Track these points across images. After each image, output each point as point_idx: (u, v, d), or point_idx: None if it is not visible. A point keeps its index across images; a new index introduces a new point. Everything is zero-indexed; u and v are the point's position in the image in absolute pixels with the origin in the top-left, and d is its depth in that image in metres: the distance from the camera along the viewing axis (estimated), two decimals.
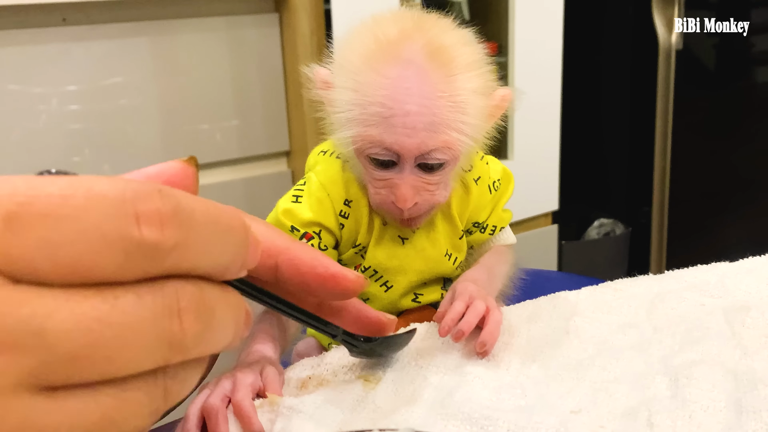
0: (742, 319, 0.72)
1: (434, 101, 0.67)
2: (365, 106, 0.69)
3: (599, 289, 0.79)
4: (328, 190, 0.78)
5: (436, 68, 0.68)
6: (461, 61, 0.70)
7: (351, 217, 0.79)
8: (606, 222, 2.04)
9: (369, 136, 0.69)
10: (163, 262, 0.26)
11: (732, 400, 0.60)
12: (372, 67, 0.68)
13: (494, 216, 0.85)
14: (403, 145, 0.68)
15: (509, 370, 0.66)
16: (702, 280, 0.79)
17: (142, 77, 1.37)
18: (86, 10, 1.30)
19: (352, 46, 0.71)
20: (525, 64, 1.65)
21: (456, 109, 0.69)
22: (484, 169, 0.84)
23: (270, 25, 1.45)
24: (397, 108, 0.67)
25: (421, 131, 0.68)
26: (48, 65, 1.29)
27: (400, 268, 0.82)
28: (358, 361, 0.67)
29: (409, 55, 0.68)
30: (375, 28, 0.70)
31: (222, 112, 1.46)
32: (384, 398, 0.62)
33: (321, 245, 0.78)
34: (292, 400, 0.62)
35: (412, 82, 0.67)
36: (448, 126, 0.69)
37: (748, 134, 2.07)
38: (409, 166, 0.70)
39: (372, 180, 0.73)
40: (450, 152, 0.70)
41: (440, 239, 0.82)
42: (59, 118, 1.31)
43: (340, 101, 0.71)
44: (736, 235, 2.09)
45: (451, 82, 0.69)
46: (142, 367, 0.26)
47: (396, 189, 0.71)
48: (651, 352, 0.67)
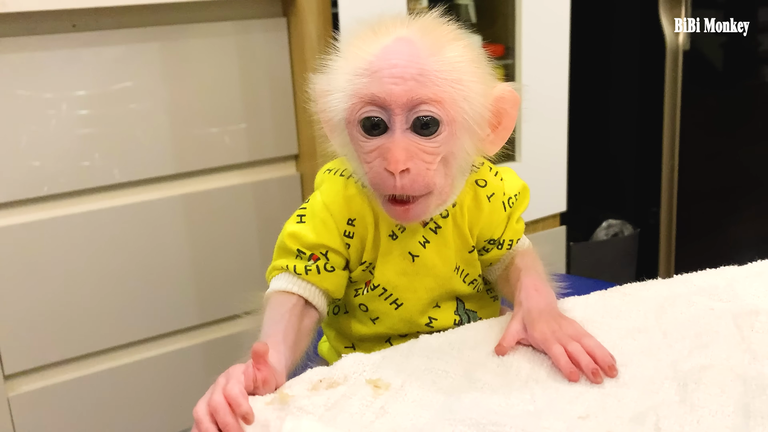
0: (751, 323, 0.72)
1: (423, 58, 0.66)
2: (353, 68, 0.68)
3: (608, 293, 0.79)
4: (331, 210, 0.77)
5: (427, 39, 0.68)
6: (451, 35, 0.70)
7: (356, 236, 0.77)
8: (614, 223, 2.04)
9: (357, 91, 0.67)
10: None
11: (740, 405, 0.60)
12: (363, 42, 0.69)
13: (509, 230, 0.83)
14: (391, 93, 0.66)
15: (519, 375, 0.66)
16: (711, 284, 0.79)
17: (152, 82, 1.38)
18: (96, 16, 1.31)
19: (349, 37, 0.72)
20: (532, 66, 1.65)
21: (447, 66, 0.67)
22: (498, 186, 0.81)
23: (278, 30, 1.45)
24: (384, 63, 0.66)
25: (409, 80, 0.66)
26: (58, 71, 1.30)
27: (410, 286, 0.79)
28: (369, 366, 0.67)
29: (401, 33, 0.68)
30: (371, 22, 0.71)
31: (231, 116, 1.46)
32: (393, 403, 0.62)
33: (328, 266, 0.76)
34: (303, 400, 0.62)
35: (401, 47, 0.67)
36: (438, 79, 0.66)
37: (756, 133, 2.06)
38: (401, 126, 0.67)
39: (364, 155, 0.70)
40: (444, 110, 0.67)
41: (450, 254, 0.80)
42: (69, 123, 1.32)
43: (330, 78, 0.71)
44: (745, 235, 2.09)
45: (442, 46, 0.68)
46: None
47: (387, 152, 0.67)
48: (660, 357, 0.67)
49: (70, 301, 1.38)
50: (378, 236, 0.78)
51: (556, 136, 1.72)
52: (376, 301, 0.79)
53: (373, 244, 0.78)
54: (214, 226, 1.49)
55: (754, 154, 2.07)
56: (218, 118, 1.45)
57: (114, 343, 1.45)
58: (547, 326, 0.70)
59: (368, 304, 0.80)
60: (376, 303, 0.80)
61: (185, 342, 1.53)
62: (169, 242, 1.46)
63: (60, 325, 1.38)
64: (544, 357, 0.68)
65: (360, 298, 0.80)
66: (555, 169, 1.73)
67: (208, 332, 1.54)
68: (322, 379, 0.66)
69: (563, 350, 0.67)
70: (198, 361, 1.54)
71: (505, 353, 0.70)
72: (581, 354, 0.66)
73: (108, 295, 1.42)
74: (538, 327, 0.70)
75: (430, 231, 0.78)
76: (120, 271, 1.42)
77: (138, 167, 1.40)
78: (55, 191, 1.34)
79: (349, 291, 0.81)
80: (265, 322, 0.72)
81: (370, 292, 0.79)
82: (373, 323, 0.81)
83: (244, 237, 1.53)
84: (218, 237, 1.50)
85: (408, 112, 0.67)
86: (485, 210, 0.80)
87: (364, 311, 0.81)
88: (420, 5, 1.56)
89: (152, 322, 1.48)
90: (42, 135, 1.30)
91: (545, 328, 0.70)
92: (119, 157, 1.38)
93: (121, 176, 1.39)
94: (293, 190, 1.55)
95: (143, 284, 1.45)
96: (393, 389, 0.64)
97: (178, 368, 1.51)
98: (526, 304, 0.74)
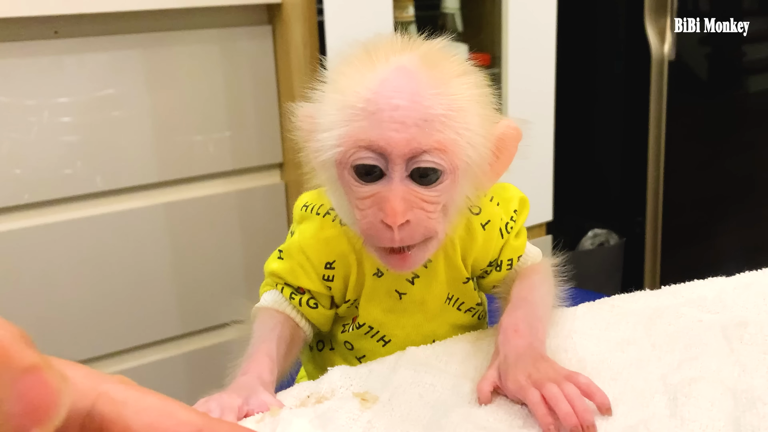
0: (740, 335, 0.71)
1: (427, 98, 0.59)
2: (349, 105, 0.60)
3: (596, 305, 0.78)
4: (308, 254, 0.72)
5: (429, 70, 0.61)
6: (457, 68, 0.63)
7: (336, 277, 0.73)
8: (600, 232, 2.04)
9: (352, 135, 0.60)
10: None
11: (731, 418, 0.60)
12: (359, 71, 0.61)
13: (507, 250, 0.76)
14: (391, 141, 0.59)
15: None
16: (699, 295, 0.79)
17: (135, 89, 1.36)
18: (78, 23, 1.30)
19: (342, 62, 0.64)
20: (518, 75, 1.65)
21: (453, 109, 0.60)
22: (494, 212, 0.74)
23: (263, 38, 1.45)
24: (383, 103, 0.59)
25: (412, 127, 0.59)
26: (40, 77, 1.28)
27: (398, 323, 0.75)
28: (357, 379, 0.66)
29: (400, 62, 0.61)
30: (366, 45, 0.64)
31: (215, 124, 1.45)
32: (381, 417, 0.61)
33: (311, 303, 0.73)
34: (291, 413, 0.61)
35: (402, 81, 0.60)
36: (443, 124, 0.60)
37: (742, 143, 2.07)
38: (399, 174, 0.60)
39: (358, 202, 0.63)
40: (447, 159, 0.61)
41: (441, 288, 0.74)
42: (51, 130, 1.31)
43: (321, 111, 0.63)
44: (731, 244, 2.09)
45: (446, 82, 0.61)
46: None
47: (384, 203, 0.61)
48: (650, 369, 0.67)
49: (50, 309, 1.37)
50: (362, 275, 0.73)
51: (542, 146, 1.71)
52: (362, 339, 0.76)
53: (356, 284, 0.74)
54: (198, 234, 1.48)
55: (740, 164, 2.07)
56: (202, 126, 1.44)
57: (95, 353, 1.43)
58: (523, 372, 0.62)
59: (354, 342, 0.77)
60: (362, 341, 0.76)
61: (167, 352, 1.51)
62: (151, 251, 1.44)
63: (39, 334, 1.36)
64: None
65: (346, 335, 0.77)
66: (541, 178, 1.73)
67: (191, 342, 1.53)
68: (309, 394, 0.65)
69: (540, 397, 0.59)
70: (180, 371, 1.52)
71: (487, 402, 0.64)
72: (559, 401, 0.58)
73: (89, 305, 1.40)
74: (511, 375, 0.62)
75: (420, 266, 0.70)
76: (102, 281, 1.40)
77: (121, 175, 1.38)
78: (36, 199, 1.32)
79: (336, 326, 0.78)
80: (256, 332, 0.71)
81: (355, 330, 0.76)
82: (359, 362, 0.77)
83: (228, 246, 1.52)
84: (201, 246, 1.49)
85: (408, 161, 0.60)
86: (479, 239, 0.74)
87: (349, 349, 0.77)
88: (406, 13, 1.55)
89: (134, 332, 1.46)
90: (23, 142, 1.29)
91: (520, 375, 0.62)
92: (102, 165, 1.36)
93: (103, 184, 1.37)
94: (277, 199, 1.54)
95: (125, 293, 1.43)
96: (381, 402, 0.63)
97: (161, 378, 1.50)
98: (503, 349, 0.66)
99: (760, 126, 2.07)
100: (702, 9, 2.01)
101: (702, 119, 2.03)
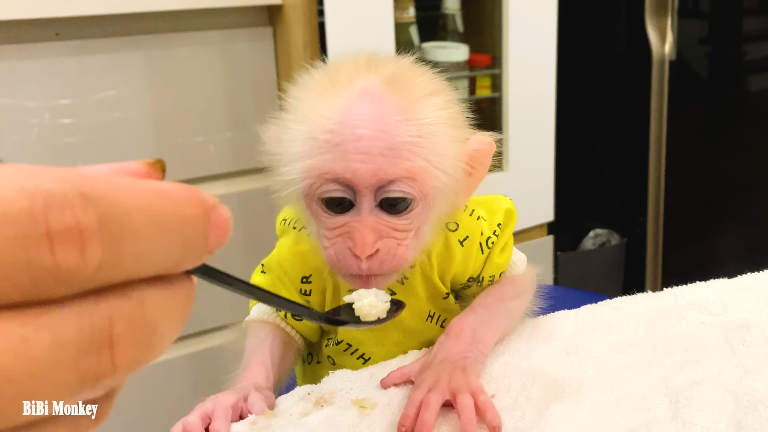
0: (742, 337, 0.71)
1: (393, 126, 0.57)
2: (313, 136, 0.58)
3: (598, 307, 0.78)
4: (285, 268, 0.72)
5: (394, 94, 0.58)
6: (425, 90, 0.60)
7: (314, 291, 0.72)
8: (601, 232, 2.04)
9: (317, 168, 0.58)
10: (86, 284, 0.21)
11: (732, 421, 0.59)
12: (322, 98, 0.59)
13: (489, 267, 0.74)
14: (357, 172, 0.57)
15: (509, 392, 0.65)
16: (701, 297, 0.79)
17: (136, 91, 1.36)
18: (79, 25, 1.29)
19: (304, 88, 0.62)
20: (519, 75, 1.65)
21: (420, 135, 0.58)
22: (473, 227, 0.72)
23: (264, 39, 1.45)
24: (348, 133, 0.57)
25: (378, 156, 0.57)
26: (41, 79, 1.28)
27: (377, 340, 0.73)
28: (357, 383, 0.66)
29: (364, 86, 0.58)
30: (328, 68, 0.62)
31: (216, 126, 1.45)
32: (379, 424, 0.61)
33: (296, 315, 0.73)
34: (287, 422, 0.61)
35: (366, 108, 0.57)
36: (411, 152, 0.57)
37: (743, 142, 2.07)
38: (368, 205, 0.59)
39: (326, 232, 0.61)
40: (416, 186, 0.58)
41: (421, 305, 0.73)
42: (52, 132, 1.30)
43: (288, 142, 0.61)
44: (732, 244, 2.09)
45: (413, 106, 0.58)
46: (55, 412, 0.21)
47: (353, 233, 0.59)
48: (652, 372, 0.67)
49: None
50: (338, 290, 0.72)
51: (543, 146, 1.71)
52: (342, 355, 0.75)
53: (333, 298, 0.73)
54: None
55: (741, 163, 2.07)
56: (203, 127, 1.44)
57: None
58: (434, 375, 0.62)
59: (335, 358, 0.76)
60: (343, 358, 0.75)
61: (169, 354, 1.51)
62: None
63: None
64: (537, 375, 0.67)
65: (328, 350, 0.76)
66: (542, 179, 1.73)
67: (192, 344, 1.53)
68: (310, 392, 0.66)
69: (418, 400, 0.60)
70: (182, 373, 1.52)
71: (386, 387, 0.65)
72: (426, 408, 0.59)
73: None
74: (424, 374, 0.63)
75: (397, 283, 0.70)
76: None
77: None
78: None
79: (323, 339, 0.78)
80: (248, 344, 0.71)
81: (335, 347, 0.75)
82: None
83: (229, 247, 1.51)
84: None
85: (376, 191, 0.58)
86: (457, 256, 0.71)
87: (332, 364, 0.77)
88: (407, 14, 1.55)
89: None
90: (24, 144, 1.29)
91: (430, 375, 0.62)
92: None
93: None
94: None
95: None
96: (379, 408, 0.63)
97: (162, 380, 1.50)
98: (436, 348, 0.67)
99: (761, 125, 2.07)
100: (702, 9, 2.01)
101: (703, 119, 2.03)
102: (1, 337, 0.20)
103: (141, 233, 0.22)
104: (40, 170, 0.21)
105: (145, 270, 0.23)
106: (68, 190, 0.20)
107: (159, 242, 0.23)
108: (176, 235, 0.23)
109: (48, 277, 0.20)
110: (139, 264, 0.22)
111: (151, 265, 0.23)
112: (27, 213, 0.20)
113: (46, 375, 0.20)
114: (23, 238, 0.20)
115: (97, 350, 0.21)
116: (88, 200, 0.21)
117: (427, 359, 0.66)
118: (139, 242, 0.22)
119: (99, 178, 0.22)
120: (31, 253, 0.20)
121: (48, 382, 0.20)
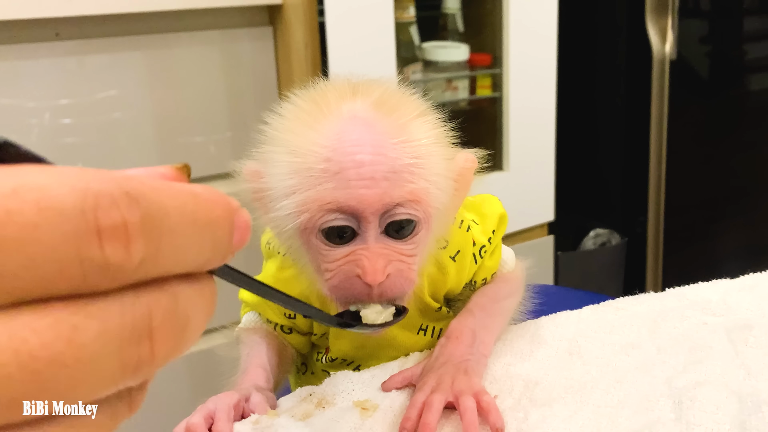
0: (745, 338, 0.71)
1: (391, 149, 0.55)
2: (307, 168, 0.55)
3: (600, 308, 0.78)
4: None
5: (385, 117, 0.57)
6: (414, 111, 0.59)
7: (299, 315, 0.71)
8: (602, 232, 2.04)
9: (317, 200, 0.55)
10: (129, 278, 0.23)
11: (736, 422, 0.59)
12: (310, 126, 0.56)
13: (481, 271, 0.73)
14: (362, 199, 0.55)
15: (512, 393, 0.65)
16: (703, 297, 0.78)
17: (136, 91, 1.36)
18: (79, 25, 1.29)
19: (287, 117, 0.59)
20: (519, 75, 1.65)
21: (418, 156, 0.57)
22: (463, 239, 0.70)
23: (264, 39, 1.44)
24: (347, 160, 0.54)
25: (382, 181, 0.55)
26: (40, 79, 1.28)
27: (372, 355, 0.72)
28: (359, 384, 0.66)
29: (353, 110, 0.56)
30: (310, 96, 0.60)
31: (216, 125, 1.45)
32: (381, 426, 0.61)
33: (285, 329, 0.73)
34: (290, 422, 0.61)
35: (361, 133, 0.55)
36: (412, 174, 0.56)
37: (744, 142, 2.07)
38: (374, 232, 0.57)
39: (328, 264, 0.58)
40: (420, 208, 0.57)
41: (413, 321, 0.71)
42: (52, 132, 1.30)
43: (275, 176, 0.58)
44: (733, 243, 2.09)
45: (405, 128, 0.57)
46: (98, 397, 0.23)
47: (361, 260, 0.56)
48: (655, 373, 0.66)
49: None
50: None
51: (544, 146, 1.71)
52: (338, 368, 0.74)
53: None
54: None
55: (742, 163, 2.07)
56: (203, 127, 1.44)
57: None
58: (436, 377, 0.62)
59: (330, 371, 0.74)
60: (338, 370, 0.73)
61: None
62: None
63: None
64: (540, 376, 0.67)
65: (321, 365, 0.75)
66: (543, 178, 1.73)
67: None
68: (312, 393, 0.66)
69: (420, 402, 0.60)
70: (182, 374, 1.52)
71: (387, 391, 0.65)
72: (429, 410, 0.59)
73: None
74: (426, 376, 0.63)
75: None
76: None
77: None
78: None
79: (313, 352, 0.77)
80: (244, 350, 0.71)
81: (329, 363, 0.74)
82: None
83: None
84: None
85: (381, 217, 0.56)
86: (451, 273, 0.71)
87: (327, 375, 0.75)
88: (407, 14, 1.55)
89: None
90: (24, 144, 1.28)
91: (432, 378, 0.62)
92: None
93: None
94: None
95: None
96: (381, 410, 0.63)
97: (162, 380, 1.50)
98: (437, 351, 0.67)
99: (762, 125, 2.07)
100: (703, 8, 2.01)
101: (704, 118, 2.02)
102: (55, 324, 0.21)
103: (177, 232, 0.24)
104: (89, 171, 0.23)
105: (179, 266, 0.25)
106: (115, 190, 0.22)
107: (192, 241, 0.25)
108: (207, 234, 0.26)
109: (96, 271, 0.22)
110: (174, 261, 0.24)
111: (185, 262, 0.25)
112: (79, 211, 0.21)
113: (94, 362, 0.22)
114: (75, 234, 0.21)
115: (138, 340, 0.23)
116: (132, 200, 0.22)
117: (428, 362, 0.66)
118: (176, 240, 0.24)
119: (141, 180, 0.24)
120: (82, 247, 0.21)
121: (95, 368, 0.22)
